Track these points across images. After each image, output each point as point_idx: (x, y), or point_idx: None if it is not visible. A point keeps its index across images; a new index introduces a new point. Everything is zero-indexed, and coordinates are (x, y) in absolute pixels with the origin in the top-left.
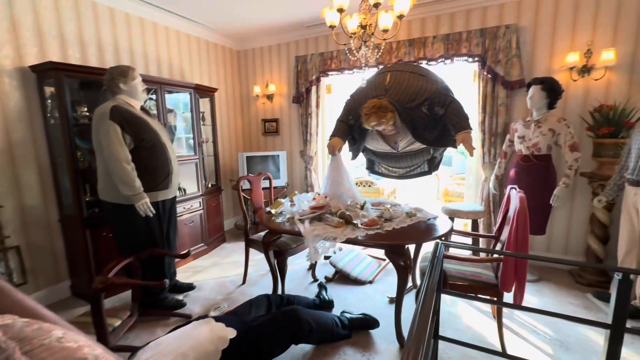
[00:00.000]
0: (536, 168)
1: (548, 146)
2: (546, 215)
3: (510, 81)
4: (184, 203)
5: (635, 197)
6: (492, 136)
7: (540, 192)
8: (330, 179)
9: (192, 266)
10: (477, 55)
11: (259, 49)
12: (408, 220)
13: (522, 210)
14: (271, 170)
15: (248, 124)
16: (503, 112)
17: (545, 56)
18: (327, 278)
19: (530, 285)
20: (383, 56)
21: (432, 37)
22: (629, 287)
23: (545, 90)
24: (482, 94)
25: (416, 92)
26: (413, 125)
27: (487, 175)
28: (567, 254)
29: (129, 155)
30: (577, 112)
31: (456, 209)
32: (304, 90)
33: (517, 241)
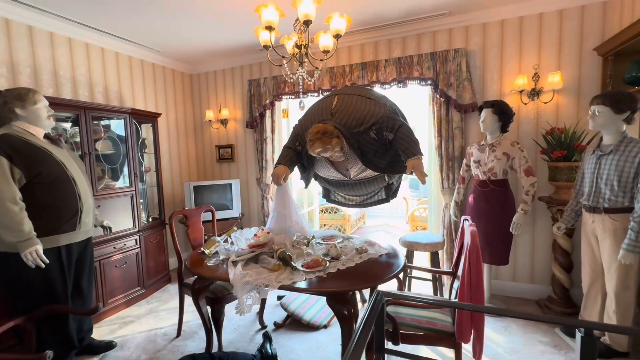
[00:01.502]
0: (494, 194)
1: (504, 171)
2: (508, 244)
3: (463, 104)
4: (114, 242)
5: (594, 225)
6: (450, 160)
7: (500, 220)
8: (276, 211)
9: (122, 316)
10: (429, 78)
11: (212, 72)
12: (357, 258)
13: (474, 248)
14: (223, 200)
15: (202, 150)
16: (459, 136)
17: (495, 79)
18: (277, 324)
19: (496, 320)
20: (336, 79)
21: (385, 61)
22: (594, 345)
23: (496, 114)
24: (437, 117)
25: (363, 116)
26: (362, 152)
27: (447, 202)
28: (533, 282)
29: (16, 194)
30: (531, 135)
31: (413, 241)
32: (258, 115)
33: (470, 286)
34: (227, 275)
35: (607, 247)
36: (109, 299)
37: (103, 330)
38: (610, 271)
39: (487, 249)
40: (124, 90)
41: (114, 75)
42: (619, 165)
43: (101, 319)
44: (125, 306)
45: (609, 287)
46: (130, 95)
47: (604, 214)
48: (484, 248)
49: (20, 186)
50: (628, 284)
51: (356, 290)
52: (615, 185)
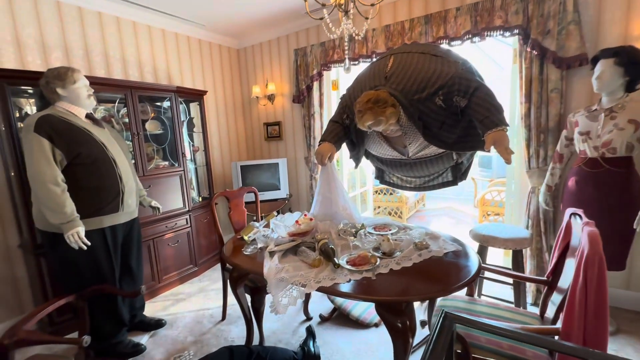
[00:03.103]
0: (609, 177)
1: (628, 145)
2: (626, 243)
3: (566, 57)
4: (165, 222)
5: None
6: (541, 133)
7: (616, 211)
8: (321, 195)
9: (175, 292)
10: (516, 26)
11: (259, 45)
12: (416, 256)
13: (596, 258)
14: (271, 180)
15: (250, 128)
16: (556, 101)
17: (617, 19)
18: (323, 317)
19: None
20: (393, 40)
21: (455, 10)
22: None
23: (621, 65)
24: (526, 77)
25: (427, 79)
26: (424, 124)
27: (535, 185)
28: None
29: (58, 175)
30: None
31: (489, 235)
32: (305, 88)
33: (586, 314)
34: (262, 268)
35: None
36: (164, 276)
37: (158, 305)
38: None
39: None
40: (172, 69)
41: (161, 54)
42: None
43: (157, 294)
44: (179, 283)
45: None
46: (178, 74)
47: None
48: None
49: (62, 168)
50: None
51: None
52: None
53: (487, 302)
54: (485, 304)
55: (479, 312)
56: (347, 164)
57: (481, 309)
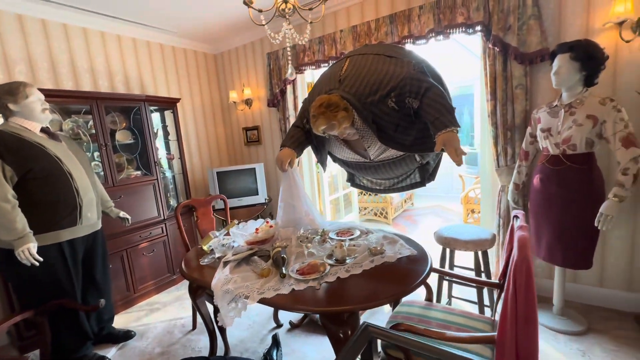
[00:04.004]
0: (571, 173)
1: (588, 141)
2: (592, 242)
3: (528, 53)
4: (139, 231)
5: None
6: (508, 130)
7: (580, 209)
8: (283, 202)
9: (152, 302)
10: (478, 22)
11: (234, 50)
12: (368, 262)
13: (523, 264)
14: (249, 185)
15: (231, 134)
16: (521, 97)
17: (578, 12)
18: (292, 324)
19: (571, 340)
20: (361, 40)
21: (419, 8)
22: None
23: (577, 60)
24: (490, 74)
25: (379, 81)
26: (378, 127)
27: (505, 184)
28: (631, 290)
29: (8, 192)
30: (635, 88)
31: (451, 237)
32: (279, 92)
33: (516, 319)
34: (212, 279)
35: None
36: (140, 286)
37: (132, 316)
38: None
39: (559, 248)
40: (145, 78)
41: (133, 63)
42: None
43: (133, 305)
44: (156, 292)
45: None
46: (152, 82)
47: None
48: (556, 247)
49: (14, 184)
50: None
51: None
52: None
53: (442, 307)
54: (441, 309)
55: (431, 318)
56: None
57: (435, 315)
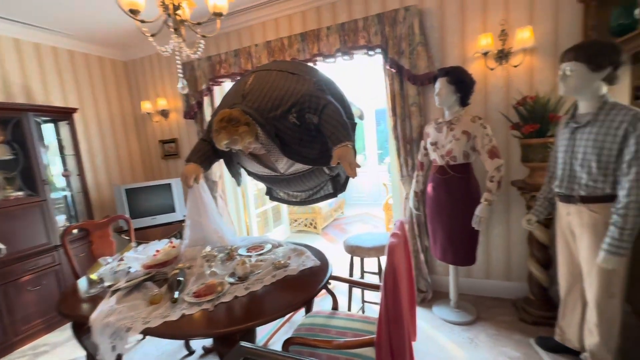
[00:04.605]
0: (454, 182)
1: (465, 153)
2: (473, 241)
3: (418, 75)
4: (20, 262)
5: (569, 218)
6: (407, 143)
7: (463, 213)
8: (190, 219)
9: (37, 345)
10: (377, 46)
11: (147, 57)
12: (270, 277)
13: (390, 271)
14: (164, 202)
15: (146, 147)
16: (416, 113)
17: (456, 42)
18: (206, 349)
19: (463, 330)
20: (275, 55)
21: (326, 29)
22: None
23: (452, 84)
24: (390, 92)
25: (281, 97)
26: (282, 141)
27: (408, 192)
28: (509, 279)
29: None
30: (499, 108)
31: (355, 245)
32: (195, 103)
33: (388, 321)
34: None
35: (585, 246)
36: (23, 327)
37: None
38: (590, 275)
39: (450, 249)
40: (33, 85)
41: (15, 68)
42: (598, 139)
43: (11, 351)
44: (45, 332)
45: (589, 294)
46: (42, 90)
47: (580, 205)
48: (448, 247)
49: None
50: (612, 292)
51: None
52: (593, 167)
53: (345, 314)
54: (343, 317)
55: (332, 327)
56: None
57: (336, 323)
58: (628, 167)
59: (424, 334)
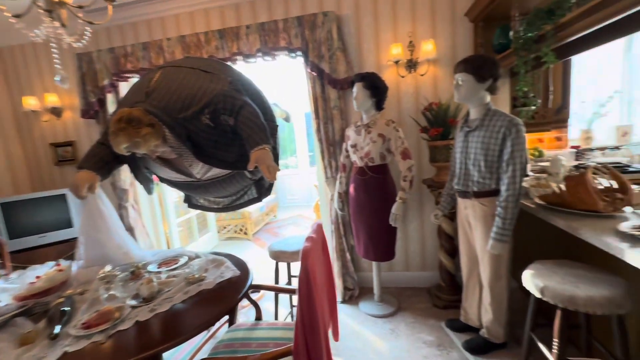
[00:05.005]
0: (373, 182)
1: (381, 155)
2: (392, 237)
3: (338, 79)
4: None
5: (466, 211)
6: (330, 146)
7: (381, 212)
8: (84, 236)
9: None
10: (297, 48)
11: (30, 45)
12: (181, 294)
13: (303, 277)
14: (58, 216)
15: (33, 151)
16: (338, 116)
17: (372, 49)
18: None
19: (386, 322)
20: (191, 52)
21: (246, 27)
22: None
23: (367, 89)
24: (313, 95)
25: (192, 96)
26: (194, 144)
27: (333, 193)
28: (425, 269)
29: None
30: (410, 113)
31: (279, 251)
32: (96, 101)
33: (304, 327)
34: None
35: (478, 236)
36: None
37: None
38: (483, 261)
39: (371, 246)
40: None
41: None
42: (484, 142)
43: None
44: None
45: (483, 277)
46: None
47: (474, 199)
48: (369, 245)
49: None
50: (500, 274)
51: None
52: (482, 166)
53: (268, 324)
54: (266, 327)
55: (253, 339)
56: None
57: (258, 334)
58: (506, 165)
59: (350, 330)
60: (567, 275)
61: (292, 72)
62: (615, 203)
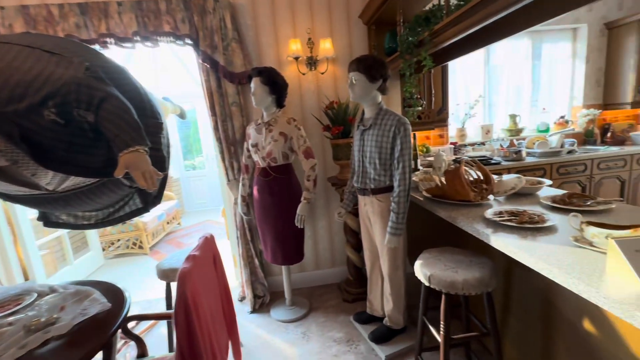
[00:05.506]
0: (277, 184)
1: (284, 154)
2: (300, 238)
3: (235, 73)
4: None
5: (366, 207)
6: (231, 145)
7: (287, 214)
8: None
9: None
10: (185, 35)
11: None
12: (15, 350)
13: (181, 304)
14: None
15: None
16: (237, 114)
17: (271, 43)
18: None
19: (297, 326)
20: (39, 28)
21: (117, 4)
22: None
23: (266, 84)
24: (207, 90)
25: (27, 83)
26: (36, 146)
27: (236, 196)
28: (334, 266)
29: None
30: (313, 111)
31: (169, 268)
32: None
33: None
34: None
35: (377, 230)
36: None
37: None
38: (383, 254)
39: (279, 250)
40: None
41: None
42: (378, 140)
43: None
44: None
45: (383, 269)
46: None
47: (372, 196)
48: (277, 249)
49: None
50: (397, 265)
51: None
52: (377, 163)
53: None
54: None
55: None
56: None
57: None
58: (397, 162)
59: (261, 342)
60: (449, 261)
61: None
62: (482, 193)
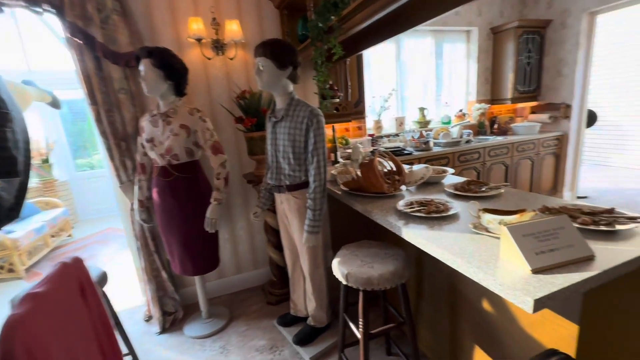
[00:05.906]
0: (181, 184)
1: (187, 150)
2: (212, 244)
3: (120, 53)
4: None
5: (282, 205)
6: (122, 141)
7: (195, 218)
8: None
9: None
10: (47, 1)
11: None
12: None
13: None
14: None
15: None
16: (127, 103)
17: (167, 21)
18: None
19: (216, 340)
20: None
21: None
22: None
23: (159, 68)
24: (83, 71)
25: None
26: None
27: (132, 201)
28: (257, 268)
29: None
30: (222, 101)
31: None
32: None
33: None
34: None
35: (295, 228)
36: None
37: None
38: (302, 253)
39: (188, 260)
40: None
41: None
42: (290, 133)
43: None
44: None
45: (304, 268)
46: None
47: (287, 193)
48: (186, 258)
49: None
50: (317, 262)
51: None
52: (291, 158)
53: None
54: None
55: None
56: None
57: None
58: (312, 156)
59: None
60: (365, 256)
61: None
62: (395, 184)
